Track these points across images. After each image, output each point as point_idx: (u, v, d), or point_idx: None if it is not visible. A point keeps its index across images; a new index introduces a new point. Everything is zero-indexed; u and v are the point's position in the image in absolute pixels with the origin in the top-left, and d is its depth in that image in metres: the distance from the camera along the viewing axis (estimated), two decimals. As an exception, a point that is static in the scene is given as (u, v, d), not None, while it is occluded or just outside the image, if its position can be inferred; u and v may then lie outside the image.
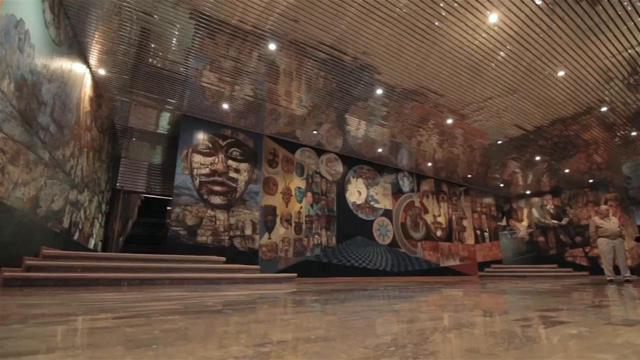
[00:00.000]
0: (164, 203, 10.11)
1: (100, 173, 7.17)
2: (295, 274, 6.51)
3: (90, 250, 6.83)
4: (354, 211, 9.75)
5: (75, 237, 5.94)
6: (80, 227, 6.15)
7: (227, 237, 7.26)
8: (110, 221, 8.57)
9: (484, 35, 5.35)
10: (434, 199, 11.98)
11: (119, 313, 1.86)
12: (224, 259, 6.24)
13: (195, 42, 5.49)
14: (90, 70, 5.99)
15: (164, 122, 7.96)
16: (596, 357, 0.87)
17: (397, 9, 4.87)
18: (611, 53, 5.71)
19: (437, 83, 6.60)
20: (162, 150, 9.32)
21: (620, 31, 5.24)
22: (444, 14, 4.97)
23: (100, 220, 7.66)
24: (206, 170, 7.35)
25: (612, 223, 7.18)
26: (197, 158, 7.33)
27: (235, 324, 1.45)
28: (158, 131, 8.38)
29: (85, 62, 5.73)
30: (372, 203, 10.19)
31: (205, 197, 7.19)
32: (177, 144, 7.41)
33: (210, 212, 7.17)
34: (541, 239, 13.96)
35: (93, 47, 5.51)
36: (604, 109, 7.42)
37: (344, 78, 6.41)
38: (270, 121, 7.99)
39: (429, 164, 11.10)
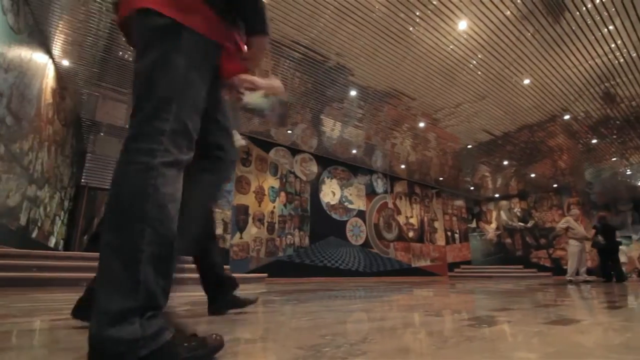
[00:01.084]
0: (134, 201, 9.78)
1: (62, 168, 6.86)
2: (265, 274, 6.45)
3: (50, 248, 6.51)
4: (328, 211, 9.78)
5: (34, 235, 5.66)
6: (39, 224, 5.86)
7: (197, 237, 7.10)
8: (74, 219, 8.21)
9: (457, 42, 5.49)
10: (406, 200, 12.20)
11: (63, 315, 1.77)
12: (192, 258, 6.10)
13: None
14: (53, 61, 5.72)
15: (134, 117, 7.70)
16: (519, 356, 0.90)
17: (373, 13, 4.92)
18: (573, 64, 5.99)
19: (411, 87, 6.72)
20: (131, 146, 9.02)
21: (582, 43, 5.51)
22: (417, 20, 5.07)
23: (62, 218, 7.32)
24: (176, 168, 7.17)
25: (581, 227, 7.62)
26: (167, 155, 7.14)
27: (180, 326, 1.41)
28: (127, 126, 8.10)
29: (48, 52, 5.47)
30: (345, 204, 10.26)
31: (175, 195, 7.02)
32: (146, 140, 7.19)
33: (179, 210, 7.00)
34: (508, 240, 14.49)
35: (56, 36, 5.27)
36: (566, 117, 7.78)
37: (319, 79, 6.42)
38: (243, 119, 7.89)
39: (403, 166, 11.29)
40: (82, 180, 8.64)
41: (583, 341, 1.10)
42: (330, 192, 10.00)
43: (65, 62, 5.82)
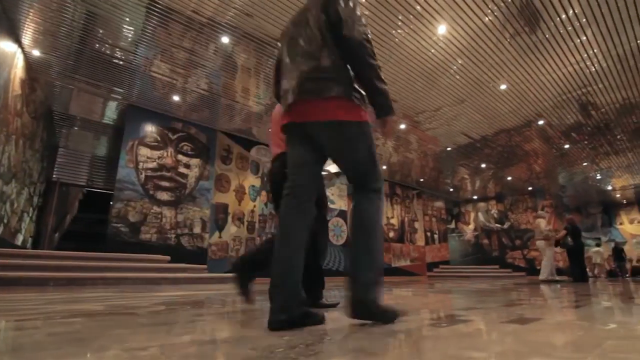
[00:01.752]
0: (110, 198, 9.50)
1: (32, 163, 6.59)
2: (243, 274, 6.38)
3: (17, 247, 6.25)
4: (309, 211, 9.75)
5: (-1, 232, 5.42)
6: (5, 221, 5.61)
7: (173, 235, 6.96)
8: (44, 216, 7.91)
9: (437, 47, 5.58)
10: (387, 201, 12.32)
11: (17, 315, 1.70)
12: (168, 258, 5.98)
13: (147, 30, 5.22)
14: (23, 50, 5.49)
15: (110, 111, 7.49)
16: (467, 355, 0.91)
17: (353, 14, 4.93)
18: (547, 71, 6.18)
19: (393, 89, 6.78)
20: (107, 142, 8.77)
21: (556, 52, 5.70)
22: (399, 23, 5.12)
23: (30, 215, 7.04)
24: (153, 165, 7.01)
25: None
26: (144, 151, 6.97)
27: (135, 327, 1.37)
28: (103, 121, 7.87)
29: (17, 40, 5.24)
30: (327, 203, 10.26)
31: (151, 192, 6.85)
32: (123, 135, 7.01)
33: (156, 208, 6.84)
34: (485, 241, 14.84)
35: (26, 25, 5.06)
36: (541, 122, 8.02)
37: (301, 78, 6.39)
38: (225, 117, 7.79)
39: (384, 167, 11.39)
40: (54, 176, 8.33)
41: (535, 340, 1.13)
42: (312, 192, 9.98)
43: (36, 52, 5.60)
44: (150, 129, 7.16)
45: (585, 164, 10.68)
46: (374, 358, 0.87)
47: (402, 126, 8.34)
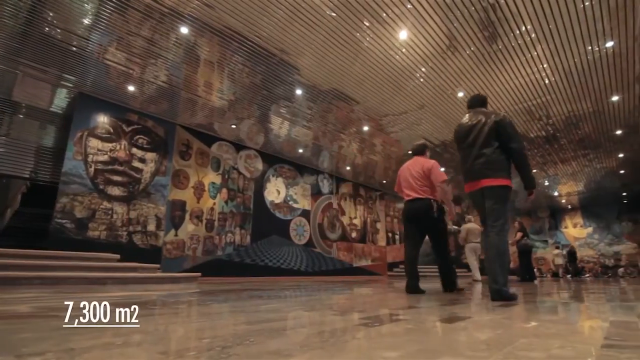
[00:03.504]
0: (57, 192, 8.85)
1: (-35, 151, 6.02)
2: (198, 274, 6.17)
3: (-55, 242, 5.67)
4: (272, 210, 9.67)
5: None
6: None
7: (125, 233, 6.62)
8: (-20, 209, 7.24)
9: (401, 53, 5.72)
10: (351, 201, 12.47)
11: None
12: (117, 256, 5.67)
13: (102, 16, 4.92)
14: (-43, 28, 5.00)
15: (59, 99, 7.00)
16: (381, 355, 0.91)
17: (324, 18, 4.96)
18: (501, 81, 6.51)
19: (359, 92, 6.86)
20: (55, 132, 8.17)
21: (509, 65, 6.02)
22: (364, 28, 5.19)
23: (-37, 208, 6.43)
24: (104, 158, 6.61)
25: None
26: (94, 143, 6.56)
27: (48, 330, 1.27)
28: (51, 109, 7.35)
29: (-51, 16, 4.77)
30: (290, 203, 10.22)
31: (101, 187, 6.47)
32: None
33: (106, 204, 6.47)
34: (443, 242, 15.40)
35: (-39, 0, 4.61)
36: (495, 130, 8.42)
37: (267, 76, 6.31)
38: (185, 110, 7.52)
39: (348, 168, 11.52)
40: (-7, 167, 7.65)
41: (454, 338, 1.16)
42: (275, 191, 9.89)
43: (-28, 31, 5.12)
44: (102, 119, 6.76)
45: (534, 170, 11.37)
46: (287, 359, 0.85)
47: (366, 128, 8.46)
